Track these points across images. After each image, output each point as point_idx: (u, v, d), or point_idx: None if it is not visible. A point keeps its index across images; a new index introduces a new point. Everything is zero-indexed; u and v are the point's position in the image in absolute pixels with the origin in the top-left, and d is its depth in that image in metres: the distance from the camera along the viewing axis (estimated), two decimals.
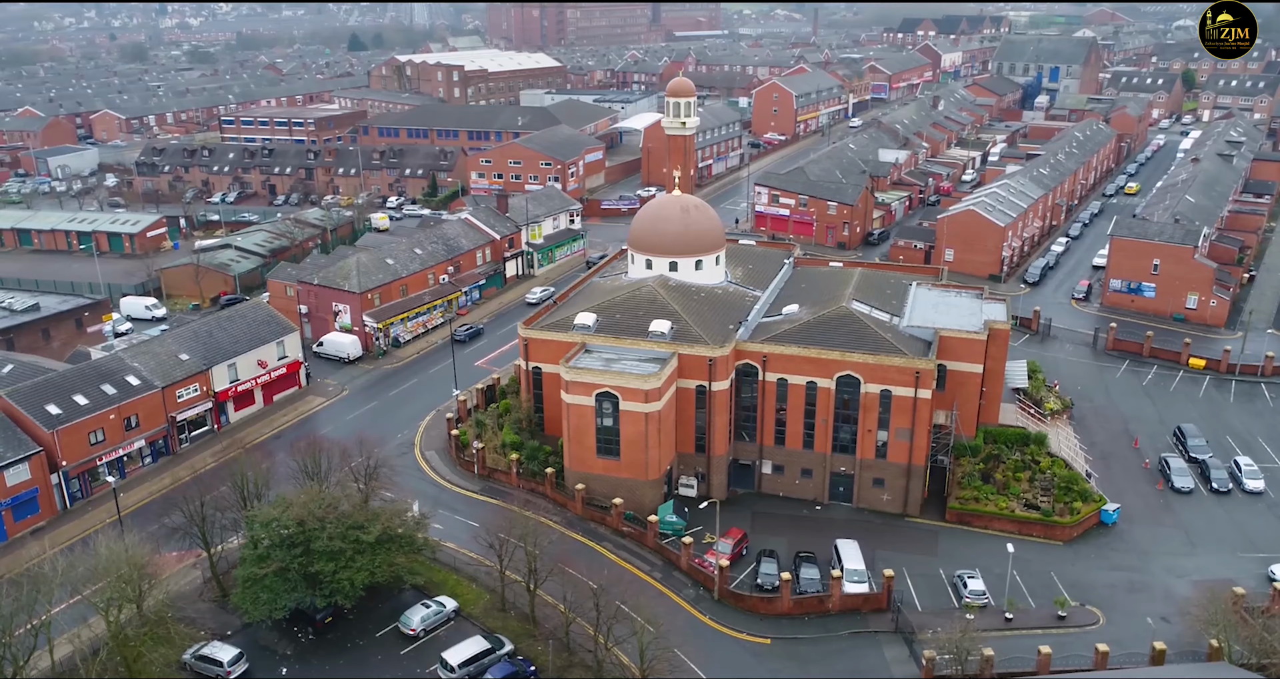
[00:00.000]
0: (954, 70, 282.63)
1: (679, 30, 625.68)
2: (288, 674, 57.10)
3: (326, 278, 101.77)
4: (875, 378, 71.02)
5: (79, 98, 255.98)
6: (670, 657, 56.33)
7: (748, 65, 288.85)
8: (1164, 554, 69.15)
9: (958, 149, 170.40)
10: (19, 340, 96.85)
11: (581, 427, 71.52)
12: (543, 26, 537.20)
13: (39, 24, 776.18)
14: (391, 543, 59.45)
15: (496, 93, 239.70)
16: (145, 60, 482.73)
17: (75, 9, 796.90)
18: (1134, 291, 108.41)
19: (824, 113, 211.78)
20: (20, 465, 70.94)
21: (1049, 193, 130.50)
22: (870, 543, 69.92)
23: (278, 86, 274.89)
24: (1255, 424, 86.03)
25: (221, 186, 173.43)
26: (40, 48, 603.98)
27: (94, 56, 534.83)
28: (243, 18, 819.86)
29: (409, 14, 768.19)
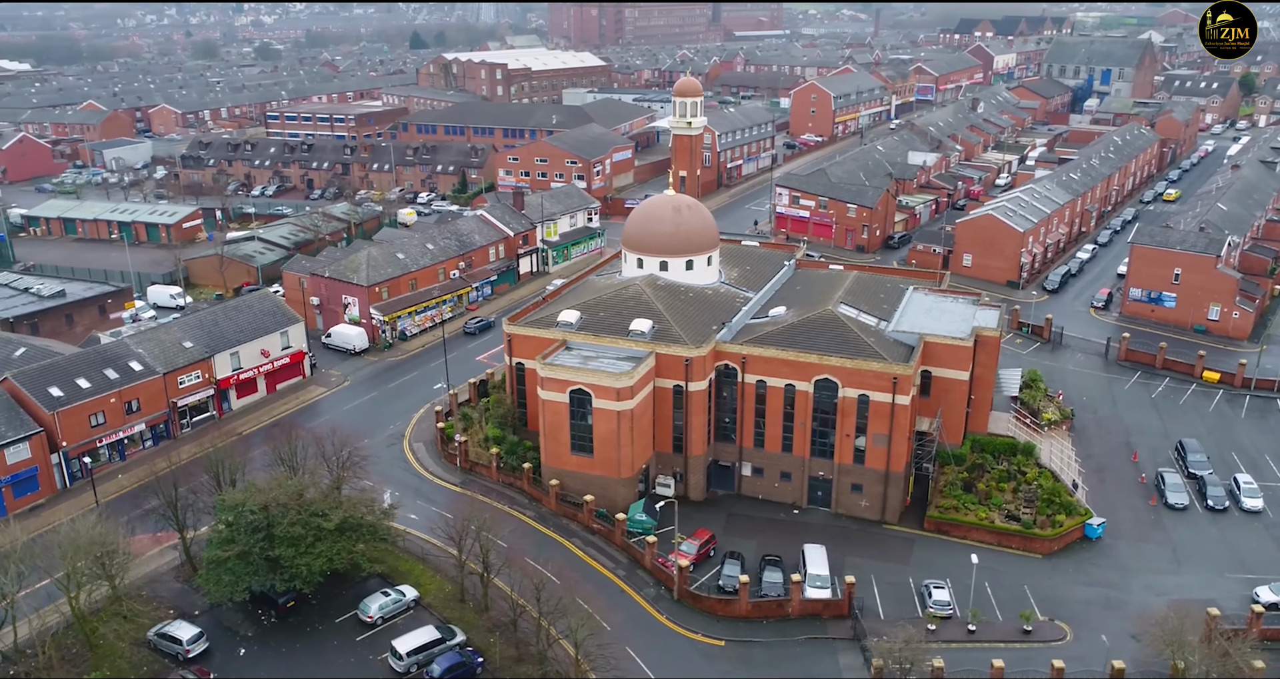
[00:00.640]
0: (1007, 72, 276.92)
1: (739, 30, 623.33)
2: (246, 655, 58.61)
3: (337, 271, 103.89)
4: (853, 382, 70.25)
5: (140, 92, 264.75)
6: (612, 653, 56.59)
7: (796, 66, 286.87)
8: (1146, 572, 67.21)
9: (994, 152, 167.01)
10: (43, 325, 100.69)
11: (556, 423, 72.03)
12: (601, 25, 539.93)
13: (122, 21, 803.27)
14: (352, 531, 60.59)
15: (540, 91, 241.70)
16: (215, 57, 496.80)
17: (157, 7, 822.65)
18: (1154, 301, 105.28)
19: (864, 114, 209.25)
20: (20, 445, 73.82)
21: (1077, 198, 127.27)
22: (842, 549, 69.23)
23: (330, 83, 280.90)
24: (1265, 441, 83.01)
25: (262, 180, 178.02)
26: (119, 44, 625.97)
27: (169, 53, 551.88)
28: (314, 16, 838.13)
29: (476, 13, 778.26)
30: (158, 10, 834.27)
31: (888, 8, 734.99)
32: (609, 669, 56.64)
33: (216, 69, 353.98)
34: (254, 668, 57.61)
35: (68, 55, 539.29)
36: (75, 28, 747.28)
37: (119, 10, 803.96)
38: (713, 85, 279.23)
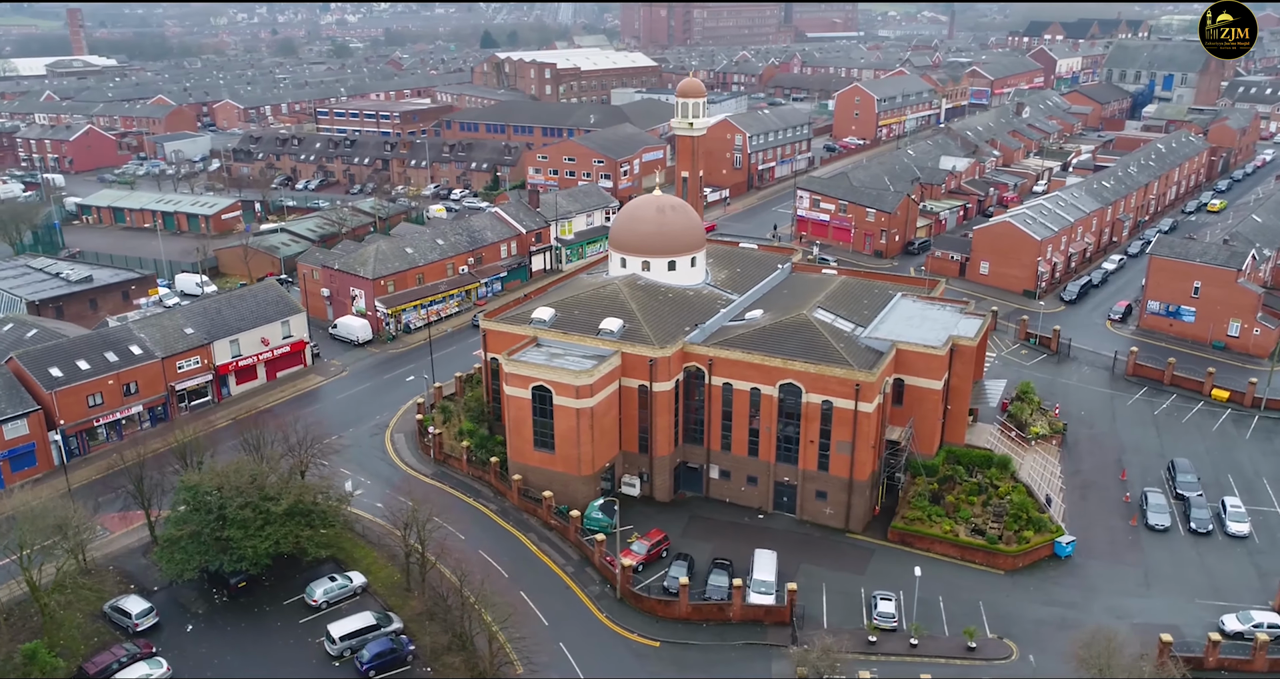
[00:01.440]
0: (1071, 76, 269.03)
1: (811, 32, 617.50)
2: (193, 631, 60.61)
3: (345, 264, 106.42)
4: (816, 388, 69.40)
5: (208, 88, 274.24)
6: (544, 647, 57.08)
7: (853, 68, 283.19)
8: (1112, 593, 65.00)
9: (1036, 159, 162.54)
10: (68, 309, 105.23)
11: (520, 418, 72.73)
12: (670, 26, 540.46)
13: (214, 19, 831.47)
14: (301, 516, 62.17)
15: (588, 91, 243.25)
16: (292, 54, 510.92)
17: (249, 6, 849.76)
18: (1172, 315, 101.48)
19: (911, 118, 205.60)
20: (19, 421, 77.47)
21: (1107, 207, 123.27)
22: (799, 556, 68.50)
23: (390, 81, 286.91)
24: (1266, 463, 79.46)
25: (307, 174, 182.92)
26: (207, 41, 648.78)
27: (254, 50, 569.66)
28: (397, 15, 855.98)
29: (554, 13, 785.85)
30: (249, 9, 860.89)
31: (971, 9, 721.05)
32: (535, 663, 57.13)
33: (287, 66, 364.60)
34: (198, 644, 59.55)
35: (158, 51, 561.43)
36: (171, 25, 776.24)
37: (215, 9, 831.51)
38: (766, 87, 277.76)
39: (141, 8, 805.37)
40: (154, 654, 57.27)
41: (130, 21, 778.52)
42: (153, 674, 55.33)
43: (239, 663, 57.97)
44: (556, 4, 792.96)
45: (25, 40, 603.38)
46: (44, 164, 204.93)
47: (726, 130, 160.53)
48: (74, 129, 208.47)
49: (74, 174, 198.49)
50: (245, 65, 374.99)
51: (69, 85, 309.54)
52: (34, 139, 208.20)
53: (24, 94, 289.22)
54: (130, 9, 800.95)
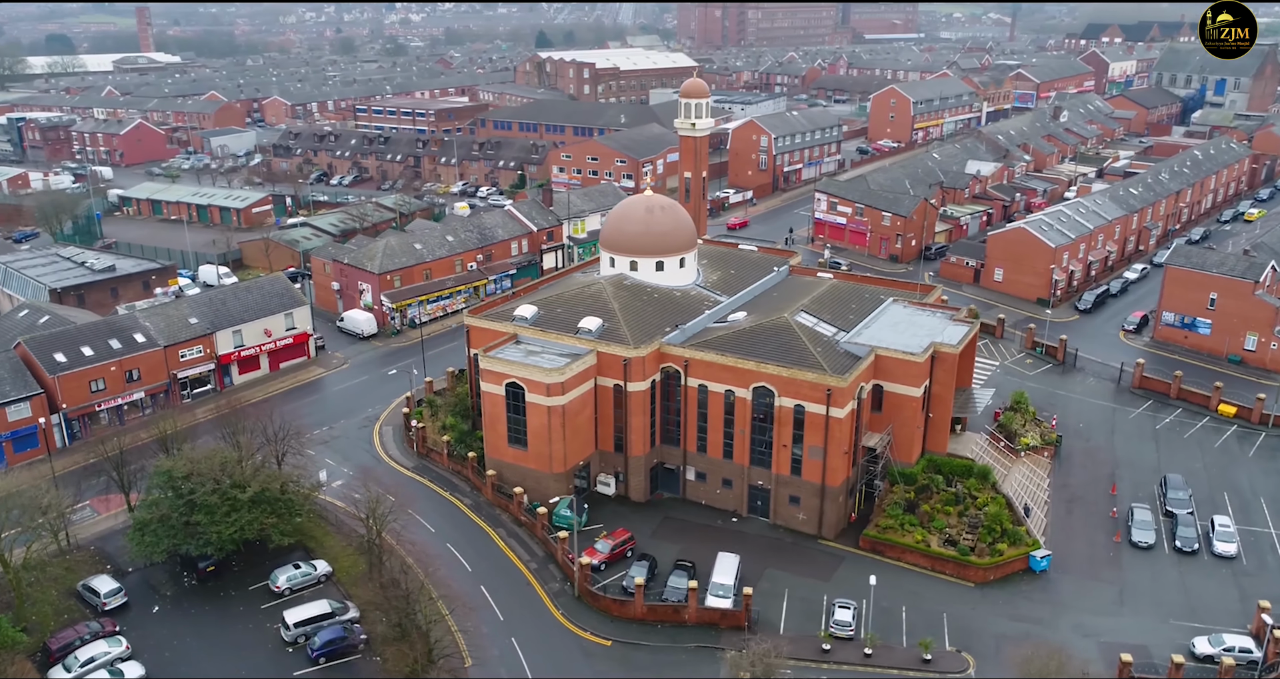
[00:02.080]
0: (1125, 80, 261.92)
1: (869, 33, 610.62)
2: (158, 612, 62.27)
3: (354, 258, 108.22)
4: (789, 392, 68.78)
5: (260, 84, 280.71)
6: (494, 641, 57.55)
7: (899, 70, 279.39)
8: (1083, 611, 63.34)
9: (1070, 164, 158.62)
10: (89, 296, 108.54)
11: (495, 414, 73.31)
12: (724, 27, 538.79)
13: (283, 18, 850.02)
14: (267, 504, 63.44)
15: (627, 91, 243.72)
16: (351, 53, 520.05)
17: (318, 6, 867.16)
18: (1187, 327, 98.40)
19: (949, 121, 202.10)
20: (22, 404, 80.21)
21: (1132, 215, 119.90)
22: (766, 561, 67.99)
23: (436, 79, 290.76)
24: (1265, 483, 76.64)
25: (342, 170, 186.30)
26: (272, 40, 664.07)
27: (317, 48, 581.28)
28: (460, 14, 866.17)
29: (615, 13, 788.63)
30: (318, 9, 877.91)
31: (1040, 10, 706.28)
32: (485, 656, 57.71)
33: (340, 64, 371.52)
34: (161, 625, 61.14)
35: (226, 49, 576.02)
36: (241, 23, 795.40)
37: (285, 8, 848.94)
38: (808, 88, 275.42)
39: (215, 6, 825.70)
40: (116, 633, 58.93)
41: (203, 19, 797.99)
42: (111, 652, 56.95)
43: (197, 645, 59.41)
44: (617, 4, 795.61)
45: (102, 37, 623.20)
46: (96, 157, 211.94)
47: (752, 131, 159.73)
48: (125, 123, 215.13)
49: (123, 167, 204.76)
50: (300, 63, 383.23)
51: (129, 81, 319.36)
52: (87, 132, 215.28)
53: (87, 89, 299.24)
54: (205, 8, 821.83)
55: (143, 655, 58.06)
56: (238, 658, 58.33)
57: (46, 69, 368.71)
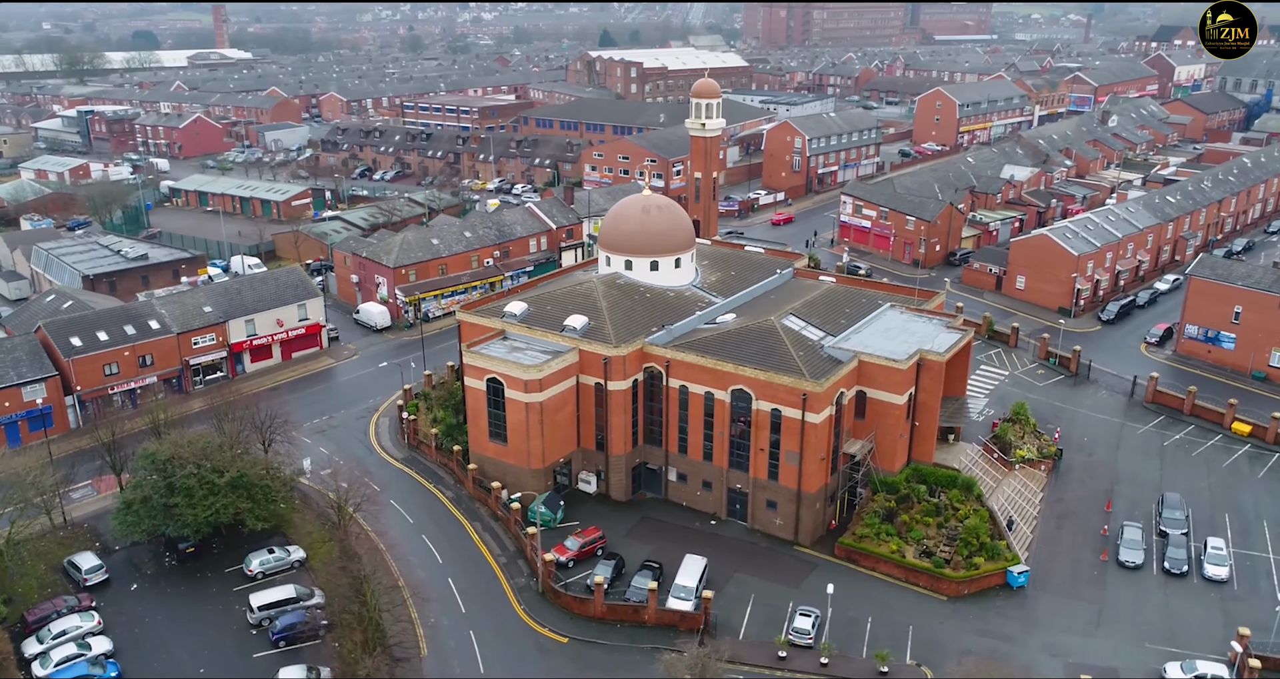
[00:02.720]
0: (1192, 84, 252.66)
1: (940, 34, 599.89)
2: (136, 590, 64.35)
3: (372, 252, 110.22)
4: (765, 395, 68.16)
5: (318, 81, 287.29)
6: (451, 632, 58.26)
7: (956, 72, 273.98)
8: (1056, 630, 61.59)
9: (1116, 170, 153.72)
10: (120, 284, 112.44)
11: (477, 409, 74.09)
12: (789, 27, 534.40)
13: (360, 16, 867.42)
14: (243, 489, 65.10)
15: (674, 90, 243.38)
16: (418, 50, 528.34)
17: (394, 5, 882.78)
18: (1211, 341, 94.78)
19: (998, 124, 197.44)
20: (37, 385, 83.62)
21: (1167, 223, 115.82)
22: (737, 565, 67.49)
23: (490, 77, 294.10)
24: (1271, 506, 73.48)
25: (385, 165, 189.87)
26: (346, 37, 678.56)
27: (388, 46, 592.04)
28: (531, 13, 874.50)
29: (685, 13, 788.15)
30: (394, 7, 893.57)
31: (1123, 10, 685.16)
32: (441, 648, 58.50)
33: (402, 61, 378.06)
34: (136, 603, 63.16)
35: (301, 46, 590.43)
36: (319, 21, 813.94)
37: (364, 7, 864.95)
38: (861, 89, 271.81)
39: (296, 5, 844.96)
40: (91, 608, 61.08)
41: (283, 17, 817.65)
42: (82, 626, 59.06)
43: (167, 623, 61.26)
44: (688, 4, 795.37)
45: (186, 34, 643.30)
46: (156, 149, 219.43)
47: (786, 133, 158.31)
48: (184, 117, 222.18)
49: (181, 159, 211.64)
50: (364, 60, 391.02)
51: (199, 76, 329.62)
52: (149, 125, 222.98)
53: (158, 84, 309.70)
54: (286, 6, 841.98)
55: (114, 631, 60.08)
56: (203, 637, 59.98)
57: (125, 64, 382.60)
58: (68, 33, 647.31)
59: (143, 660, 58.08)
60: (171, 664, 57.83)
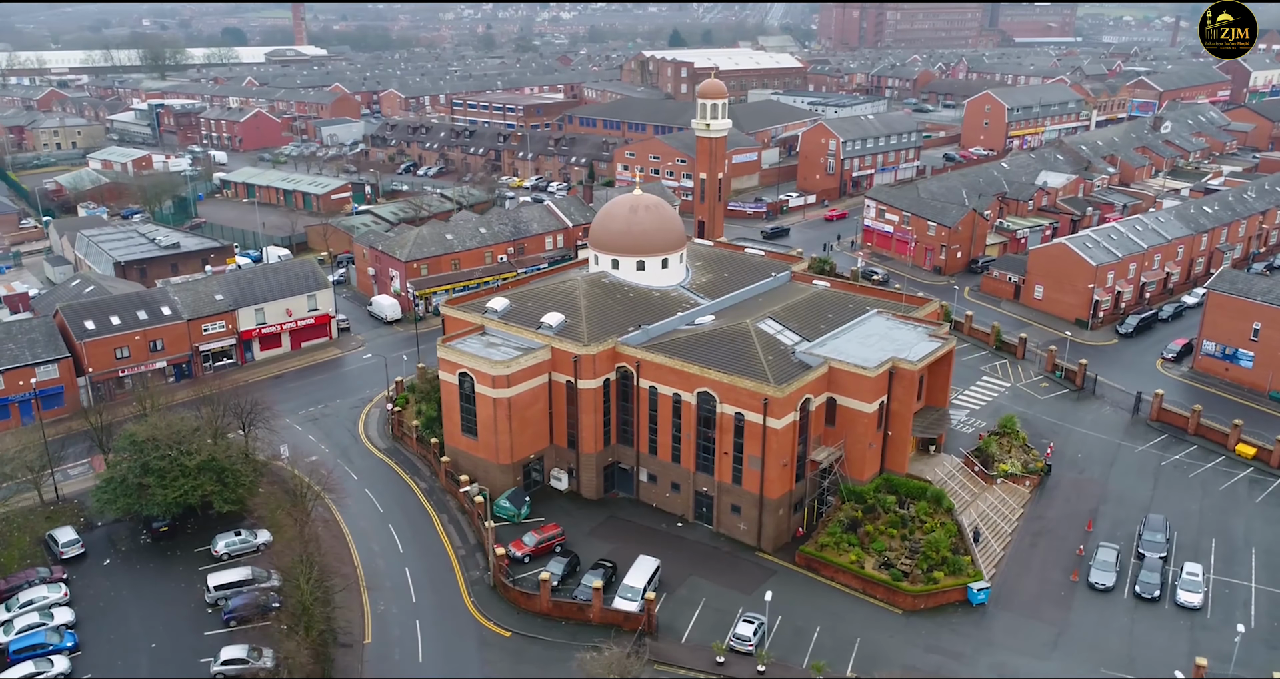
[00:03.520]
0: (1270, 89, 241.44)
1: (1020, 36, 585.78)
2: (109, 565, 66.91)
3: (386, 246, 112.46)
4: (729, 399, 67.70)
5: (381, 78, 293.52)
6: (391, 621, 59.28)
7: (1020, 75, 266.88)
8: (1009, 650, 59.88)
9: (1164, 178, 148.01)
10: (151, 271, 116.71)
11: (450, 403, 75.11)
12: (861, 28, 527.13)
13: (442, 15, 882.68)
14: (213, 472, 67.18)
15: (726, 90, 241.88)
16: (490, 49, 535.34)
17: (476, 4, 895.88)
18: (1228, 358, 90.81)
19: (1050, 129, 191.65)
20: (50, 366, 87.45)
21: (1200, 235, 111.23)
22: (694, 568, 67.20)
23: (547, 75, 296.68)
24: (1263, 532, 70.13)
25: (430, 161, 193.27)
26: (424, 36, 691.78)
27: (466, 44, 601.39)
28: (610, 13, 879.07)
29: (763, 13, 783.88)
30: (476, 6, 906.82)
31: None
32: (386, 636, 59.58)
33: (468, 59, 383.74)
34: (105, 576, 65.69)
35: (379, 44, 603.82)
36: (402, 19, 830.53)
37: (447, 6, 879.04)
38: (919, 92, 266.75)
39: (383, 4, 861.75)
40: (61, 580, 63.75)
41: (368, 15, 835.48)
42: (49, 597, 61.69)
43: (131, 598, 63.58)
44: (766, 4, 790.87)
45: (273, 31, 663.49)
46: (218, 142, 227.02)
47: (821, 135, 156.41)
48: (245, 111, 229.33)
49: (241, 152, 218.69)
50: (430, 58, 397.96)
51: (270, 72, 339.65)
52: (213, 119, 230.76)
53: (231, 79, 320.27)
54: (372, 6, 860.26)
55: (79, 603, 62.61)
56: (161, 613, 62.06)
57: (205, 60, 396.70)
58: (164, 29, 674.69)
59: (100, 632, 60.38)
60: (126, 637, 60.00)
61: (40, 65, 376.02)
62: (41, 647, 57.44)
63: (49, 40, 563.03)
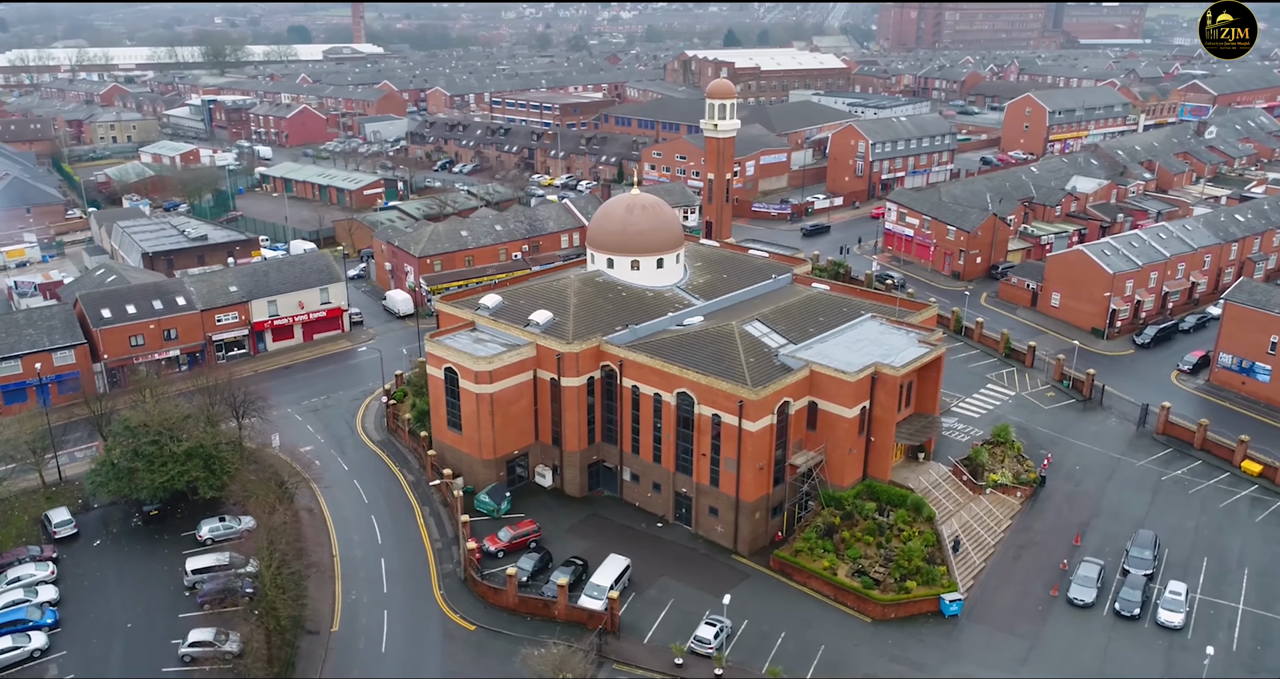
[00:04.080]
0: None
1: (1086, 37, 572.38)
2: (98, 545, 69.03)
3: (402, 241, 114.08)
4: (706, 400, 67.45)
5: (429, 76, 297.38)
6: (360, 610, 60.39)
7: (1072, 78, 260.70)
8: (976, 663, 58.77)
9: (1205, 185, 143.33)
10: (177, 262, 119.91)
11: (437, 397, 75.99)
12: (919, 28, 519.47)
13: (504, 14, 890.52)
14: (199, 459, 68.90)
15: (766, 91, 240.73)
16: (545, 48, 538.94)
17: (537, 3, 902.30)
18: (1245, 372, 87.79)
19: (1095, 133, 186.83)
20: (67, 351, 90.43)
21: (1230, 244, 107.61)
22: (667, 568, 67.11)
23: (593, 75, 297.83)
24: (1258, 553, 67.70)
25: (466, 158, 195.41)
26: (483, 34, 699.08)
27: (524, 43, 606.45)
28: (671, 12, 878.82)
29: (825, 13, 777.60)
30: (538, 6, 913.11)
31: None
32: (353, 624, 60.67)
33: (519, 58, 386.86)
34: (93, 557, 67.79)
35: (438, 42, 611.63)
36: (464, 18, 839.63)
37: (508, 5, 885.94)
38: (966, 94, 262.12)
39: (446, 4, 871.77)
40: (50, 558, 65.96)
41: (431, 14, 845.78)
42: (36, 575, 63.87)
43: (114, 578, 65.51)
44: (828, 4, 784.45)
45: (335, 29, 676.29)
46: (266, 137, 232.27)
47: (850, 136, 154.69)
48: (292, 108, 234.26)
49: (287, 147, 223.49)
50: (481, 56, 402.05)
51: (324, 70, 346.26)
52: (261, 115, 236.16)
53: (286, 76, 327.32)
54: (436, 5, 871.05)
55: (65, 581, 64.73)
56: (141, 594, 63.83)
57: (264, 57, 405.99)
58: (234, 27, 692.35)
59: (81, 610, 62.32)
60: (106, 616, 61.83)
61: (107, 61, 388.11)
62: (22, 622, 59.47)
63: (124, 37, 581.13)
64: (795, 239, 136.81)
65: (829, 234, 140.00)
